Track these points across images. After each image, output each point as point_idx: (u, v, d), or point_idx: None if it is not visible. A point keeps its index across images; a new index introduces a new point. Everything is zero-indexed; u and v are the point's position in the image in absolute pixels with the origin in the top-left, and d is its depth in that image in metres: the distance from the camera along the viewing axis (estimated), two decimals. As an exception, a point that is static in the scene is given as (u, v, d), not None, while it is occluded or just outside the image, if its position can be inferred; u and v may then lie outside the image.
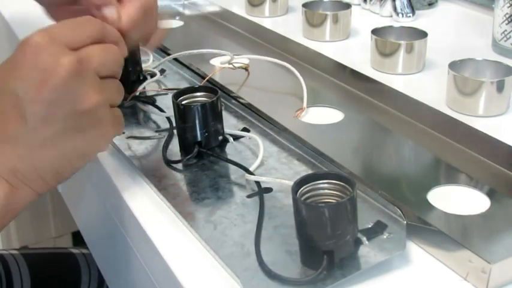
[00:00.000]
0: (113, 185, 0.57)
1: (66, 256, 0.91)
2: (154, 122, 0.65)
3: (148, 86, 0.73)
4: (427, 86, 0.72)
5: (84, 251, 0.91)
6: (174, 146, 0.60)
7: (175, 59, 0.78)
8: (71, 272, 0.88)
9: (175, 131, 0.61)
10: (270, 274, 0.43)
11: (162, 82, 0.75)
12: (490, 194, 0.50)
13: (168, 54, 0.78)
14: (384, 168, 0.56)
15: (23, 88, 0.45)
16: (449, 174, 0.54)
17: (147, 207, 0.53)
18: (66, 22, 0.48)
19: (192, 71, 0.76)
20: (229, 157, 0.58)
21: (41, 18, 0.89)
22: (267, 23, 0.95)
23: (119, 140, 0.62)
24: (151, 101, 0.68)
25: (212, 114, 0.58)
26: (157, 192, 0.54)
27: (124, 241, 0.58)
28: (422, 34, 0.75)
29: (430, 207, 0.49)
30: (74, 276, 0.88)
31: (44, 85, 0.45)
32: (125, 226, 0.57)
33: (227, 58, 0.73)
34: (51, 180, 0.49)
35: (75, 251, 0.91)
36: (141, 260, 0.55)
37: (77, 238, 1.55)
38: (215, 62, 0.78)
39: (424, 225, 0.47)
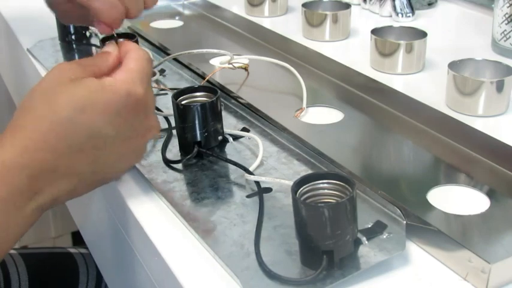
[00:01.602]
0: (113, 185, 0.57)
1: (64, 256, 0.91)
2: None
3: (148, 86, 0.73)
4: (426, 86, 0.72)
5: (83, 250, 0.91)
6: (174, 146, 0.60)
7: (175, 59, 0.78)
8: (69, 272, 0.88)
9: (174, 131, 0.61)
10: (270, 274, 0.43)
11: (162, 82, 0.75)
12: (490, 194, 0.50)
13: (168, 54, 0.78)
14: (384, 168, 0.56)
15: (116, 136, 0.49)
16: (449, 174, 0.54)
17: (147, 207, 0.53)
18: (141, 65, 0.52)
19: (192, 71, 0.76)
20: (228, 157, 0.58)
21: (40, 18, 0.89)
22: (267, 23, 0.95)
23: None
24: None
25: (212, 114, 0.58)
26: (156, 192, 0.54)
27: (123, 241, 0.58)
28: (422, 34, 0.75)
29: (430, 207, 0.49)
30: (72, 276, 0.88)
31: (132, 139, 0.51)
32: (124, 226, 0.57)
33: (227, 58, 0.73)
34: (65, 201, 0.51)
35: (73, 251, 0.91)
36: (140, 260, 0.55)
37: (77, 238, 1.55)
38: (215, 62, 0.78)
39: (423, 225, 0.47)
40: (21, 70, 0.98)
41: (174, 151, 0.60)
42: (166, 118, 0.64)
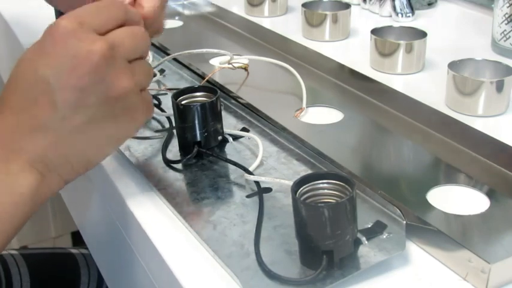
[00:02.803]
0: (113, 185, 0.57)
1: (65, 256, 0.91)
2: (154, 122, 0.65)
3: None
4: (426, 86, 0.72)
5: (84, 251, 0.91)
6: (174, 146, 0.60)
7: (175, 59, 0.78)
8: (70, 272, 0.88)
9: (174, 131, 0.61)
10: (270, 274, 0.43)
11: (162, 82, 0.75)
12: (490, 194, 0.50)
13: (168, 54, 0.78)
14: (383, 168, 0.56)
15: (54, 75, 0.45)
16: (449, 174, 0.54)
17: (147, 207, 0.53)
18: (90, 6, 0.47)
19: (192, 70, 0.76)
20: (228, 157, 0.58)
21: (40, 18, 0.89)
22: (267, 22, 0.95)
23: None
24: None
25: (211, 114, 0.58)
26: (156, 192, 0.54)
27: (123, 241, 0.58)
28: (422, 34, 0.75)
29: (430, 207, 0.49)
30: (73, 276, 0.88)
31: (75, 72, 0.45)
32: (124, 226, 0.57)
33: (227, 58, 0.73)
34: (80, 168, 0.49)
35: (74, 251, 0.91)
36: (140, 260, 0.55)
37: (77, 238, 1.55)
38: (215, 62, 0.78)
39: (423, 225, 0.47)
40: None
41: (174, 151, 0.60)
42: (168, 118, 0.64)
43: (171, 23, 0.95)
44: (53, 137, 0.46)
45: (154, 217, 0.52)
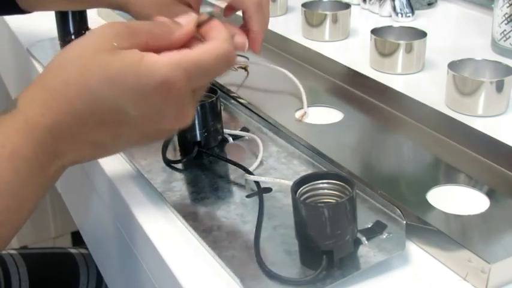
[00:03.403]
0: (113, 185, 0.57)
1: (64, 256, 0.91)
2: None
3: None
4: (426, 86, 0.72)
5: (83, 251, 0.91)
6: (174, 146, 0.60)
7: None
8: (69, 272, 0.88)
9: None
10: (270, 274, 0.43)
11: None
12: (490, 194, 0.50)
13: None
14: (383, 168, 0.56)
15: (139, 117, 0.45)
16: (449, 174, 0.54)
17: (147, 207, 0.53)
18: (206, 63, 0.45)
19: (192, 71, 0.76)
20: (228, 157, 0.58)
21: (40, 18, 0.89)
22: (267, 23, 0.95)
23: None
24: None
25: (211, 114, 0.58)
26: (156, 192, 0.54)
27: (123, 241, 0.58)
28: (422, 34, 0.75)
29: (430, 207, 0.49)
30: (72, 276, 0.88)
31: (158, 124, 0.46)
32: (124, 226, 0.57)
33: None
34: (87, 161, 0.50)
35: (73, 251, 0.91)
36: (140, 260, 0.55)
37: (77, 238, 1.55)
38: (215, 62, 0.77)
39: (423, 226, 0.47)
40: (21, 70, 0.98)
41: (174, 151, 0.60)
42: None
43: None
44: (99, 151, 0.47)
45: (154, 217, 0.52)
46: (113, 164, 0.60)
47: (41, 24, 0.93)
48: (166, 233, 0.50)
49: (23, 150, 0.43)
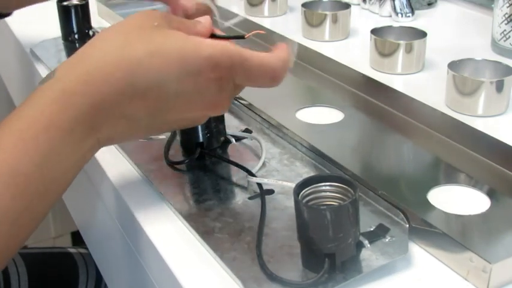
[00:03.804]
0: (114, 186, 0.57)
1: (64, 256, 0.91)
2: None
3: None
4: (426, 86, 0.72)
5: (82, 250, 0.91)
6: (176, 147, 0.60)
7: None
8: (68, 271, 0.88)
9: (177, 132, 0.61)
10: (271, 276, 0.43)
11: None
12: (490, 194, 0.50)
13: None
14: (384, 168, 0.56)
15: (179, 94, 0.45)
16: (449, 174, 0.54)
17: (148, 208, 0.53)
18: (251, 65, 0.47)
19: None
20: (231, 158, 0.58)
21: (42, 18, 0.89)
22: (266, 22, 0.95)
23: (120, 142, 0.62)
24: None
25: (213, 115, 0.58)
26: (158, 193, 0.55)
27: (124, 241, 0.58)
28: (422, 34, 0.75)
29: (430, 207, 0.49)
30: (71, 275, 0.88)
31: (195, 106, 0.47)
32: (125, 226, 0.57)
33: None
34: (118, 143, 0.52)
35: (73, 250, 0.92)
36: (140, 260, 0.55)
37: (77, 238, 1.56)
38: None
39: (425, 228, 0.47)
40: (21, 70, 0.98)
41: (176, 152, 0.60)
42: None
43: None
44: (133, 129, 0.47)
45: (155, 218, 0.52)
46: (114, 164, 0.60)
47: (43, 24, 0.93)
48: (168, 234, 0.50)
49: (59, 122, 0.43)
